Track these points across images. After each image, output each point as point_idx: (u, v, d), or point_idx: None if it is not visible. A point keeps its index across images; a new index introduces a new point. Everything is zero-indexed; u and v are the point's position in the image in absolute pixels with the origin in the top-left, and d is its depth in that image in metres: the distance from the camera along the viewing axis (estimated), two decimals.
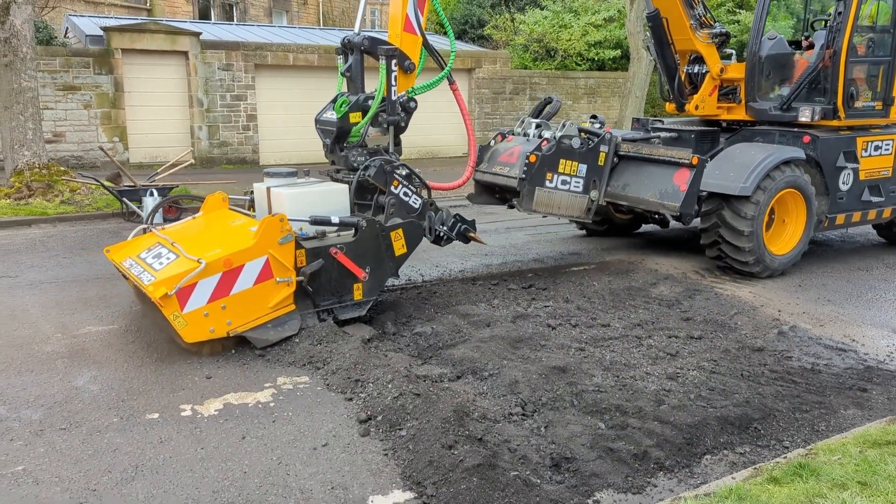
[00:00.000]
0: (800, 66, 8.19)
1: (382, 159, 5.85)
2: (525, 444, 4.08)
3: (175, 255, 4.98)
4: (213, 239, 5.28)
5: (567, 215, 7.42)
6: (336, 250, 5.27)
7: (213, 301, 4.75)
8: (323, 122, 6.12)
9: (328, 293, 5.33)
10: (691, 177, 6.96)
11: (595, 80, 21.70)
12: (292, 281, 5.05)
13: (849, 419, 4.65)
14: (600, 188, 7.38)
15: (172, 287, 4.58)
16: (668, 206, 7.05)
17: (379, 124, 6.01)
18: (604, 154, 7.32)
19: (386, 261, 5.61)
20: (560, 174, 7.10)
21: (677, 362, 5.33)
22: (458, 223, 6.39)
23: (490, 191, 7.79)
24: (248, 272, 4.88)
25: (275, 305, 5.02)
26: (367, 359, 4.78)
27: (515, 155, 7.27)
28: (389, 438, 3.96)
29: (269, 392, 4.45)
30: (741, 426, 4.43)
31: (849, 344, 5.85)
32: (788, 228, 7.81)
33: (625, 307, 6.55)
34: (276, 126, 17.42)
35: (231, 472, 3.57)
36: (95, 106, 15.37)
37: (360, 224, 5.46)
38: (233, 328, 4.88)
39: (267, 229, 4.94)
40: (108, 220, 10.40)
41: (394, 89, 5.93)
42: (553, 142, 7.07)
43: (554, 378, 4.84)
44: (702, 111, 8.60)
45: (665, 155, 7.29)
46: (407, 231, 5.71)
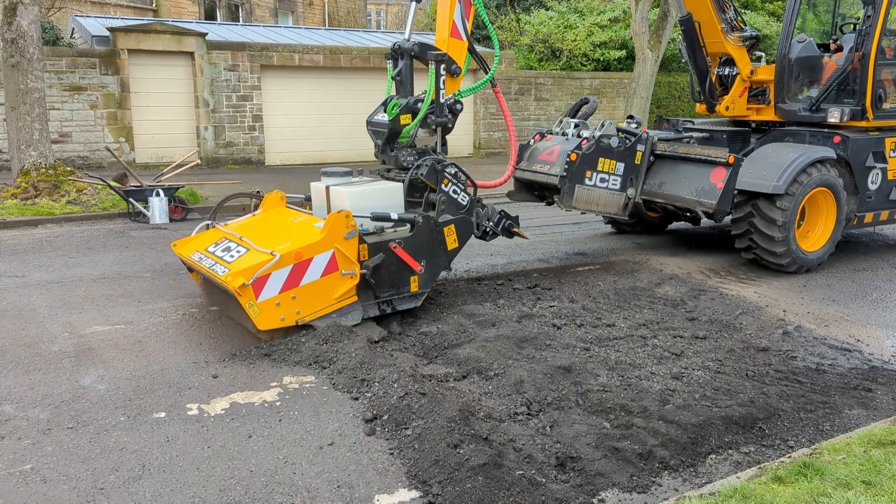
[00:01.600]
0: (828, 69, 8.38)
1: (433, 159, 6.12)
2: (530, 443, 4.09)
3: (245, 248, 5.28)
4: (280, 234, 5.56)
5: (605, 212, 7.66)
6: (395, 245, 5.60)
7: (284, 291, 5.05)
8: (375, 123, 6.36)
9: (387, 285, 5.64)
10: (727, 175, 7.20)
11: (600, 80, 21.69)
12: (356, 273, 5.34)
13: (853, 419, 4.65)
14: (637, 186, 7.64)
15: (249, 277, 4.87)
16: (705, 203, 7.29)
17: (428, 126, 6.28)
18: (640, 153, 7.57)
19: (440, 254, 5.97)
20: (599, 172, 7.36)
21: (682, 362, 5.34)
22: (502, 219, 6.70)
23: (529, 188, 8.04)
24: (317, 265, 5.18)
25: (339, 296, 5.33)
26: (373, 358, 4.80)
27: (555, 154, 7.50)
28: (395, 437, 3.98)
29: (276, 391, 4.47)
30: (746, 426, 4.44)
31: (854, 344, 5.84)
32: (819, 226, 8.00)
33: (630, 307, 6.55)
34: (281, 126, 17.47)
35: (237, 471, 3.59)
36: (101, 106, 15.42)
37: (417, 220, 5.77)
38: (301, 317, 5.17)
39: (334, 225, 5.24)
40: (115, 220, 10.45)
41: (442, 92, 6.24)
42: (592, 141, 7.31)
43: (559, 378, 4.85)
44: (732, 112, 8.84)
45: (702, 154, 7.54)
46: (459, 226, 6.09)
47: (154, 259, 7.74)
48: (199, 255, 5.53)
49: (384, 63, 18.47)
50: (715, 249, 8.92)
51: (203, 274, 5.42)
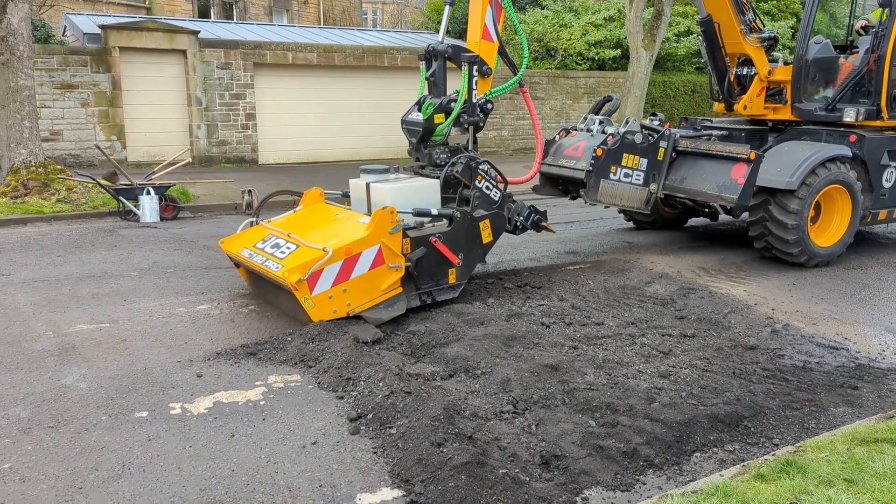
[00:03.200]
0: (844, 70, 8.56)
1: (467, 156, 6.39)
2: (515, 441, 4.08)
3: (295, 244, 5.52)
4: (326, 230, 5.81)
5: (627, 206, 7.85)
6: (435, 239, 5.88)
7: (336, 285, 5.32)
8: (409, 122, 6.55)
9: (427, 277, 5.93)
10: (749, 171, 7.35)
11: (595, 79, 21.68)
12: (401, 266, 5.62)
13: (839, 417, 4.65)
14: (659, 181, 7.82)
15: (305, 273, 5.13)
16: (727, 198, 7.44)
17: (460, 124, 6.51)
18: (663, 149, 7.74)
19: (476, 248, 6.27)
20: (623, 167, 7.53)
21: (670, 360, 5.33)
22: (532, 213, 6.93)
23: (554, 183, 8.24)
24: (365, 259, 5.45)
25: (386, 288, 5.60)
26: (359, 357, 4.78)
27: (581, 149, 7.66)
28: (379, 436, 3.96)
29: (260, 390, 4.45)
30: (731, 424, 4.43)
31: (841, 342, 5.85)
32: (834, 222, 8.16)
33: (619, 305, 6.54)
34: (275, 125, 17.41)
35: (219, 471, 3.58)
36: (93, 104, 15.34)
37: (455, 215, 6.05)
38: (352, 308, 5.44)
39: (380, 221, 5.50)
40: (105, 218, 10.40)
41: (474, 92, 6.47)
42: (617, 137, 7.48)
43: (546, 376, 4.84)
44: (749, 111, 9.04)
45: (723, 150, 7.71)
46: (493, 221, 6.38)
47: (142, 258, 7.70)
48: (248, 251, 5.74)
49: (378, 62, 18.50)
50: (706, 248, 8.93)
51: (254, 270, 5.63)
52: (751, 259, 8.34)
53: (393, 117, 17.81)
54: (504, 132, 20.46)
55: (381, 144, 18.11)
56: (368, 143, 18.13)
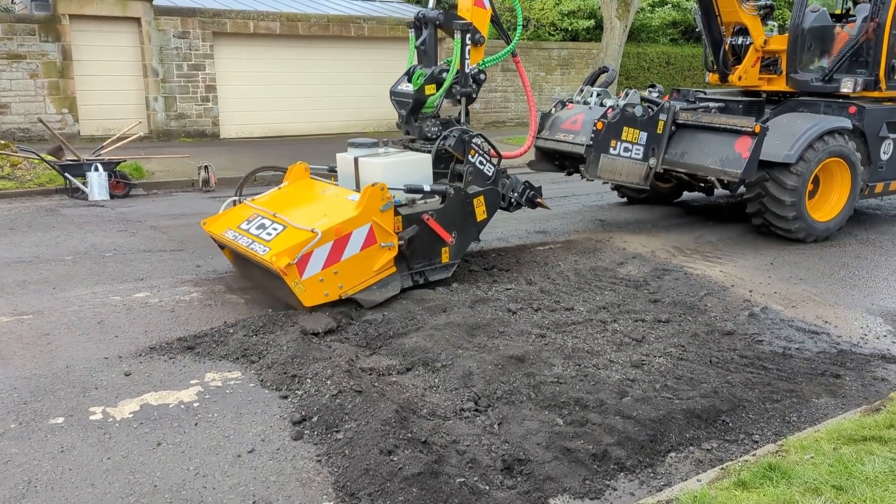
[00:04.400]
0: (841, 39, 8.36)
1: (460, 129, 6.11)
2: (475, 444, 3.73)
3: (281, 225, 5.27)
4: (313, 208, 5.56)
5: (627, 182, 7.56)
6: (428, 216, 5.63)
7: (326, 267, 5.10)
8: (399, 93, 6.27)
9: (420, 257, 5.71)
10: (753, 144, 7.05)
11: (568, 50, 21.21)
12: (394, 245, 5.40)
13: (821, 408, 4.38)
14: (658, 155, 7.53)
15: (294, 256, 4.89)
16: (730, 172, 7.16)
17: (452, 96, 6.26)
18: (662, 122, 7.46)
19: (470, 226, 6.01)
20: (623, 141, 7.26)
21: (643, 348, 5.01)
22: (526, 189, 6.68)
23: (550, 158, 7.98)
24: (356, 239, 5.22)
25: (379, 268, 5.38)
26: (307, 351, 4.38)
27: (579, 122, 7.40)
28: (325, 442, 3.59)
29: (195, 390, 4.02)
30: (708, 419, 4.12)
31: (821, 326, 5.58)
32: (833, 196, 7.99)
33: (590, 289, 6.20)
34: (237, 97, 16.73)
35: (138, 486, 3.17)
36: (42, 76, 14.55)
37: (448, 192, 5.79)
38: (344, 291, 5.24)
39: (370, 198, 5.24)
40: (51, 196, 9.81)
41: (467, 62, 6.21)
42: (618, 110, 7.19)
43: (511, 369, 4.48)
44: (744, 82, 8.81)
45: (727, 123, 7.38)
46: (487, 198, 6.09)
47: (80, 240, 7.14)
48: (232, 233, 5.48)
49: (345, 31, 17.84)
50: (682, 226, 8.63)
51: (239, 252, 5.39)
52: (727, 237, 8.06)
53: (361, 90, 17.46)
54: (475, 105, 19.96)
55: (350, 118, 17.54)
56: (336, 116, 17.54)
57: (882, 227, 8.75)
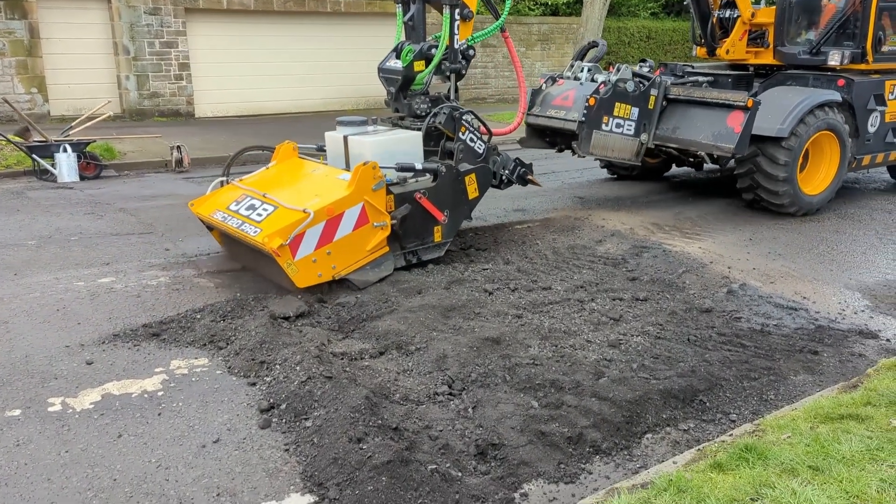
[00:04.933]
0: (828, 11, 8.32)
1: (450, 106, 6.03)
2: (449, 429, 3.65)
3: (272, 206, 5.20)
4: (304, 188, 5.49)
5: (618, 158, 7.52)
6: (420, 195, 5.57)
7: (319, 248, 5.06)
8: (387, 70, 6.18)
9: (413, 236, 5.66)
10: (745, 119, 7.00)
11: (549, 25, 20.98)
12: (387, 225, 5.37)
13: (799, 386, 4.34)
14: (650, 131, 7.45)
15: (286, 237, 4.84)
16: (723, 147, 7.11)
17: (441, 72, 6.19)
18: (654, 97, 7.39)
19: (461, 204, 5.96)
20: (615, 117, 7.21)
21: (620, 328, 4.95)
22: (517, 167, 6.65)
23: (541, 134, 7.90)
24: (348, 219, 5.17)
25: (371, 248, 5.34)
26: (277, 336, 4.27)
27: (571, 98, 7.31)
28: (293, 430, 3.49)
29: (159, 379, 3.90)
30: (685, 399, 4.07)
31: (799, 302, 5.54)
32: (822, 169, 8.01)
33: (568, 267, 6.12)
34: (211, 76, 16.39)
35: (98, 480, 3.05)
36: (9, 54, 14.15)
37: (440, 170, 5.72)
38: (337, 272, 5.20)
39: (362, 177, 5.19)
40: (19, 178, 9.55)
41: (456, 38, 6.13)
42: (610, 85, 7.11)
43: (486, 351, 4.40)
44: (732, 55, 8.76)
45: (719, 98, 7.32)
46: (479, 175, 6.05)
47: (45, 224, 6.93)
48: (221, 214, 5.40)
49: (321, 7, 17.48)
50: (661, 203, 8.56)
51: (229, 234, 5.32)
52: (707, 213, 8.00)
53: (338, 66, 17.17)
54: None
55: (327, 95, 17.26)
56: (312, 94, 17.26)
57: (861, 202, 8.73)
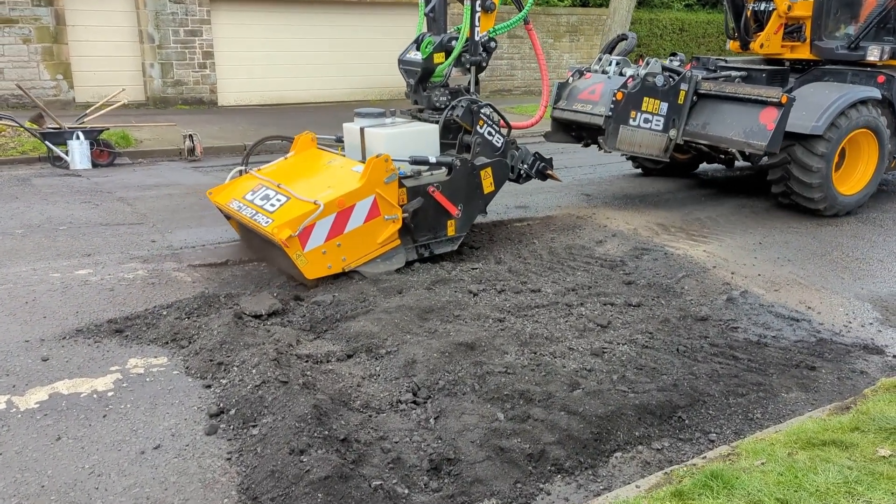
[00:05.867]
0: (868, 5, 8.02)
1: (469, 99, 5.98)
2: (405, 440, 3.49)
3: (285, 196, 5.21)
4: (318, 179, 5.51)
5: (646, 154, 7.34)
6: (433, 188, 5.54)
7: (329, 240, 5.07)
8: (406, 62, 6.15)
9: (425, 229, 5.64)
10: (779, 116, 6.78)
11: (578, 17, 20.54)
12: (398, 218, 5.36)
13: (790, 404, 4.08)
14: (679, 127, 7.28)
15: (296, 228, 4.87)
16: (755, 145, 6.88)
17: (461, 64, 6.12)
18: (683, 92, 7.21)
19: (476, 198, 5.91)
20: (643, 112, 7.04)
21: (607, 335, 4.72)
22: (537, 161, 6.55)
23: (567, 128, 7.79)
24: (359, 211, 5.17)
25: (383, 241, 5.34)
26: (240, 336, 4.14)
27: (598, 92, 7.21)
28: (239, 438, 3.36)
29: (112, 378, 3.80)
30: (663, 416, 3.85)
31: (803, 312, 5.24)
32: (859, 169, 7.75)
33: (562, 269, 5.90)
34: (235, 64, 16.39)
35: (25, 486, 2.96)
36: (36, 41, 14.30)
37: (454, 163, 5.68)
38: (347, 264, 5.22)
39: (374, 170, 5.18)
40: (34, 165, 9.62)
41: (476, 30, 6.05)
42: (638, 79, 6.96)
43: (458, 357, 4.21)
44: (766, 49, 8.50)
45: (751, 93, 7.09)
46: (495, 169, 6.01)
47: (38, 212, 6.91)
48: (237, 203, 5.44)
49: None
50: (670, 202, 8.25)
51: (244, 223, 5.35)
52: (717, 214, 7.68)
53: (364, 56, 17.01)
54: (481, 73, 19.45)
55: (352, 86, 17.14)
56: (337, 84, 17.15)
57: (885, 205, 8.29)
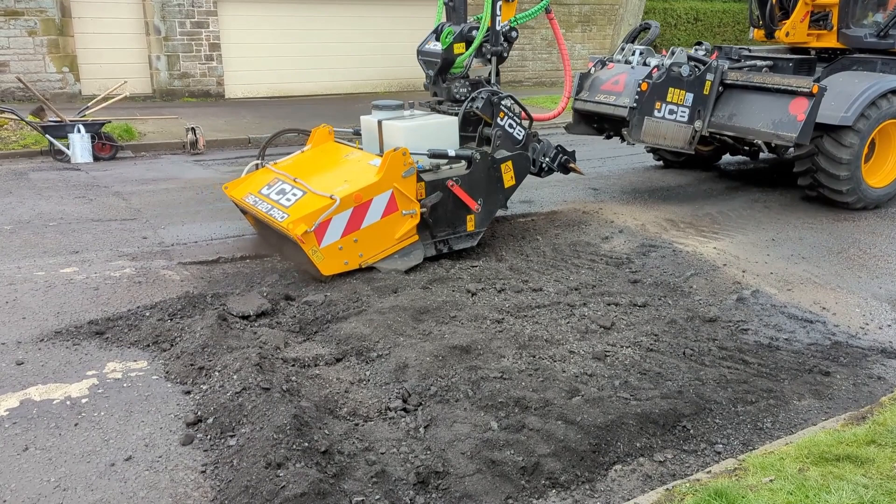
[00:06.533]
0: None
1: (489, 90, 5.83)
2: (392, 451, 3.30)
3: (301, 191, 5.15)
4: (335, 174, 5.43)
5: (670, 146, 7.18)
6: (452, 183, 5.44)
7: (346, 235, 5.00)
8: (426, 53, 6.06)
9: (444, 224, 5.54)
10: (809, 106, 6.58)
11: (590, 6, 20.17)
12: (416, 213, 5.25)
13: (802, 413, 3.86)
14: (704, 118, 7.11)
15: (311, 224, 4.80)
16: (784, 136, 6.68)
17: (482, 55, 5.99)
18: (709, 83, 7.03)
19: (496, 192, 5.79)
20: (668, 103, 6.88)
21: (610, 337, 4.51)
22: (559, 154, 6.40)
23: (589, 120, 7.66)
24: (376, 206, 5.10)
25: (400, 237, 5.26)
26: (224, 339, 3.97)
27: (621, 83, 7.03)
28: (215, 449, 3.19)
29: (88, 384, 3.64)
30: (666, 425, 3.63)
31: (817, 313, 5.00)
32: (889, 161, 7.54)
33: (566, 267, 5.69)
34: (242, 56, 16.23)
35: None
36: (41, 33, 14.21)
37: (474, 157, 5.56)
38: (364, 260, 5.15)
39: (391, 164, 5.08)
40: (36, 158, 9.52)
41: (498, 19, 5.90)
42: (663, 70, 6.79)
43: (453, 361, 4.03)
44: (792, 38, 8.29)
45: (781, 83, 6.88)
46: (516, 163, 5.87)
47: (30, 207, 6.77)
48: (253, 197, 5.39)
49: None
50: (680, 196, 8.00)
51: (259, 218, 5.31)
52: (729, 209, 7.42)
53: (374, 48, 16.77)
54: None
55: (361, 77, 16.93)
56: (345, 76, 16.95)
57: None
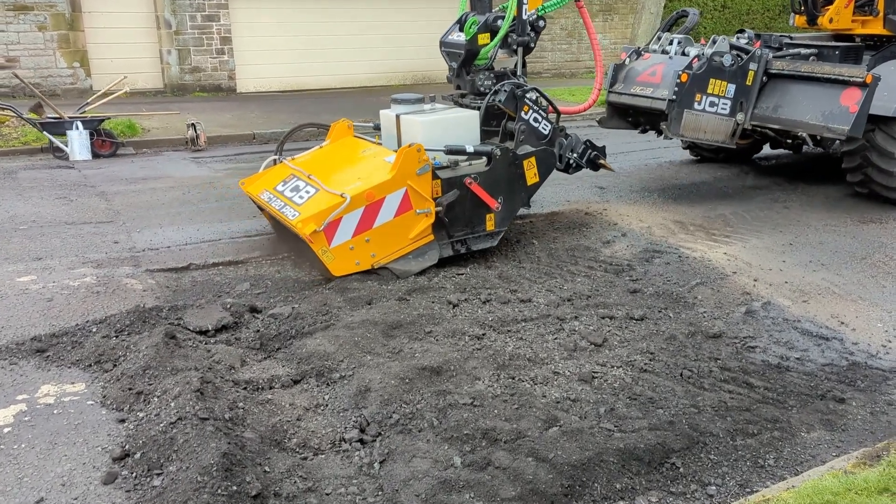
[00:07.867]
0: None
1: (512, 83, 5.61)
2: (339, 492, 2.96)
3: (314, 188, 5.04)
4: (350, 171, 5.31)
5: (711, 140, 6.82)
6: (470, 180, 5.24)
7: (357, 235, 4.85)
8: (449, 44, 5.84)
9: (461, 224, 5.32)
10: (863, 97, 6.22)
11: None
12: (431, 212, 5.08)
13: (810, 447, 3.44)
14: (747, 110, 6.73)
15: (321, 223, 4.68)
16: (835, 129, 6.31)
17: (508, 46, 5.75)
18: (752, 73, 6.66)
19: (518, 190, 5.56)
20: (709, 95, 6.53)
21: (601, 355, 4.11)
22: (588, 150, 6.16)
23: (623, 113, 7.35)
24: (389, 205, 4.93)
25: (415, 236, 5.08)
26: (169, 359, 3.64)
27: (659, 74, 6.75)
28: (138, 489, 2.87)
29: (16, 410, 3.34)
30: (652, 462, 3.23)
31: (835, 329, 4.54)
32: None
33: (561, 274, 5.28)
34: (254, 50, 16.00)
35: None
36: (51, 28, 14.11)
37: (494, 153, 5.34)
38: (377, 260, 4.99)
39: (405, 161, 4.92)
40: (36, 155, 9.37)
41: (524, 8, 5.66)
42: (704, 59, 6.45)
43: (420, 384, 3.66)
44: (835, 25, 7.83)
45: (831, 73, 6.50)
46: (540, 159, 5.62)
47: (5, 210, 6.50)
48: (268, 194, 5.30)
49: None
50: (692, 196, 7.51)
51: (273, 216, 5.22)
52: (744, 210, 6.93)
53: (388, 40, 16.37)
54: None
55: (375, 70, 16.59)
56: (358, 69, 16.62)
57: None
